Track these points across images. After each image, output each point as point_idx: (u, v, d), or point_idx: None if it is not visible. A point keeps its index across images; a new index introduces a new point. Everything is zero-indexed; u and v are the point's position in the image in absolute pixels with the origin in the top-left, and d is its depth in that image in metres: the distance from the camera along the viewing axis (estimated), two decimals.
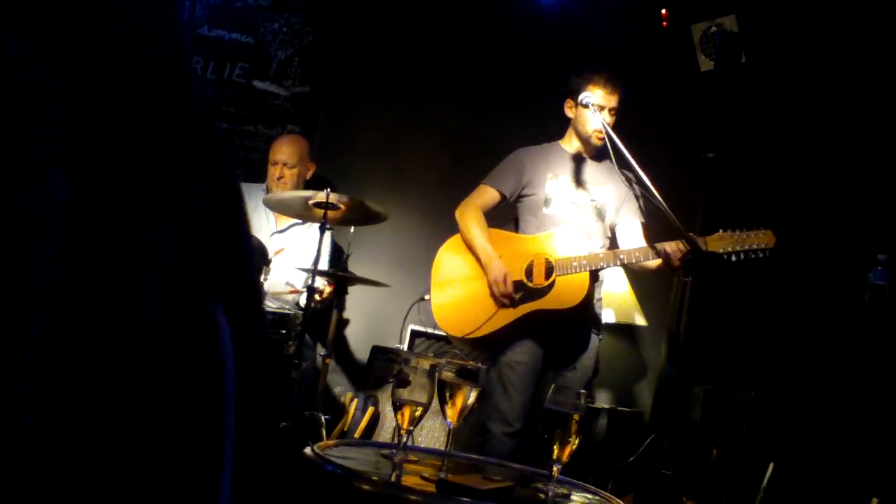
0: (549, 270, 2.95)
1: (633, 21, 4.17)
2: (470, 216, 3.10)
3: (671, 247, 2.82)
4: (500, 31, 4.26)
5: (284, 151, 3.72)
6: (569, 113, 3.14)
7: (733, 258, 2.82)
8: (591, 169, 3.14)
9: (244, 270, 0.49)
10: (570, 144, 3.18)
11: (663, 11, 4.15)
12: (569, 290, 2.92)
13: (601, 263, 2.93)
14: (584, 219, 3.08)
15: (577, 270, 2.92)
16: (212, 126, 0.47)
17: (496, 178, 3.17)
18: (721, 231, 2.86)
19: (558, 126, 3.28)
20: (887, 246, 3.20)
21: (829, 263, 3.71)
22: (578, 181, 3.11)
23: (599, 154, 3.14)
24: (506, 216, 3.24)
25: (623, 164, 2.93)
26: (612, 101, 3.03)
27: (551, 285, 2.93)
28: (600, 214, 3.10)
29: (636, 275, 3.92)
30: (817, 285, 3.69)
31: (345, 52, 4.33)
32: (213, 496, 0.44)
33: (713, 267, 2.88)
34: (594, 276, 2.99)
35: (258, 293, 0.51)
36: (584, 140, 3.11)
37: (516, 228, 3.17)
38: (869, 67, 3.83)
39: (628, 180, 3.12)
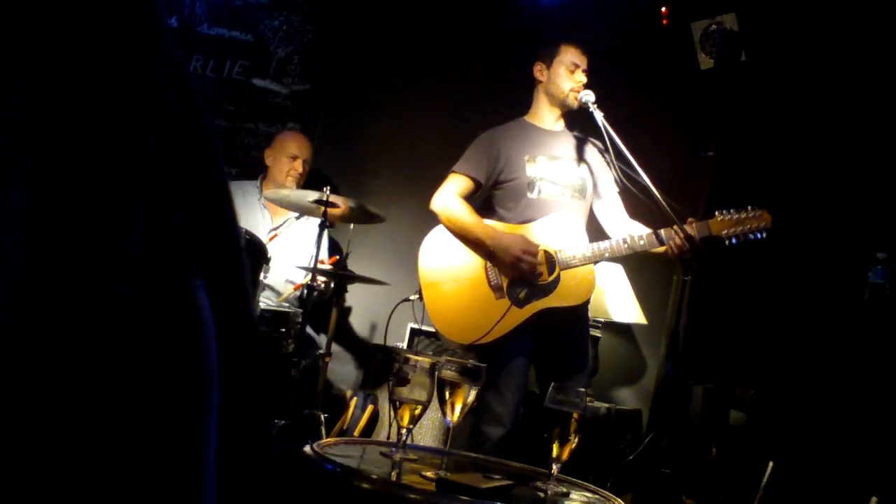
0: (551, 264, 2.78)
1: (633, 19, 4.16)
2: (454, 204, 2.86)
3: (678, 235, 2.69)
4: (500, 29, 4.26)
5: (305, 147, 3.80)
6: (539, 76, 3.01)
7: (734, 241, 2.73)
8: (563, 143, 2.99)
9: (227, 245, 0.48)
10: (539, 117, 3.03)
11: (663, 9, 4.14)
12: (576, 285, 2.75)
13: (606, 254, 2.77)
14: (567, 199, 2.90)
15: (582, 263, 2.75)
16: (189, 93, 0.46)
17: (467, 165, 2.92)
18: (717, 213, 2.77)
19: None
20: (887, 245, 3.20)
21: (829, 262, 3.71)
22: (554, 159, 2.93)
23: (567, 125, 3.06)
24: (476, 206, 2.99)
25: (593, 133, 2.87)
26: (584, 61, 2.99)
27: (557, 280, 2.76)
28: (581, 192, 2.94)
29: (636, 272, 3.92)
30: (817, 284, 3.69)
31: (345, 50, 4.32)
32: (199, 475, 0.43)
33: (713, 254, 2.85)
34: None
35: (242, 268, 0.50)
36: (559, 103, 2.98)
37: (493, 218, 2.93)
38: (869, 65, 3.83)
39: (599, 150, 3.01)
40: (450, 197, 2.88)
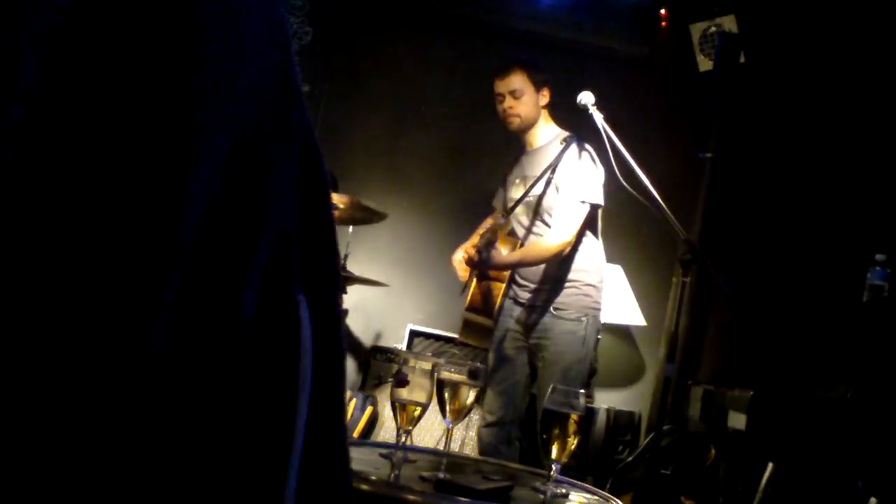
0: None
1: (632, 21, 4.17)
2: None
3: (464, 253, 2.93)
4: (499, 30, 4.26)
5: None
6: None
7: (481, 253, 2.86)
8: (537, 161, 3.07)
9: (328, 263, 0.51)
10: (524, 138, 3.16)
11: (663, 11, 4.15)
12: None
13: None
14: (520, 217, 3.09)
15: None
16: (309, 128, 0.50)
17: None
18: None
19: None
20: (886, 246, 3.20)
21: (828, 263, 3.71)
22: (523, 178, 3.10)
23: (548, 143, 3.09)
24: None
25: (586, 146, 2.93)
26: (500, 86, 3.05)
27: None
28: (536, 210, 3.05)
29: (635, 274, 3.93)
30: (816, 285, 3.70)
31: (344, 52, 4.32)
32: (283, 479, 0.46)
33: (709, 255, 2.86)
34: (480, 275, 3.02)
35: (339, 291, 0.53)
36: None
37: None
38: (868, 67, 3.83)
39: (580, 158, 3.01)
40: None
